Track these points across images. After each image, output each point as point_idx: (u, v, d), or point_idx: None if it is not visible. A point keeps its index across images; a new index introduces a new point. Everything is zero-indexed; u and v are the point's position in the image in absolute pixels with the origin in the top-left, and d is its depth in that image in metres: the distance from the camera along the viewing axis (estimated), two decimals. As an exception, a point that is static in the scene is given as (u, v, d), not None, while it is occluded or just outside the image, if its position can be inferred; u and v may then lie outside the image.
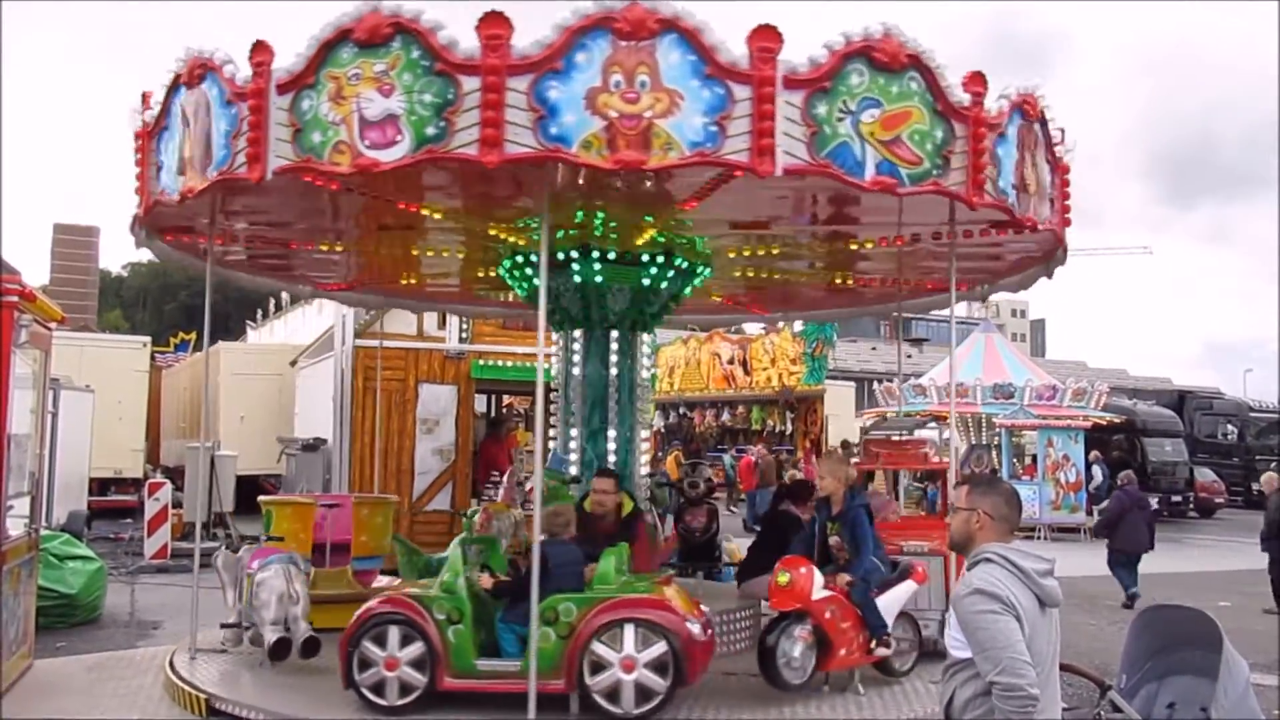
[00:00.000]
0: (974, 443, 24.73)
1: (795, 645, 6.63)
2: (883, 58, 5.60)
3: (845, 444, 20.45)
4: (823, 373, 24.81)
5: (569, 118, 5.31)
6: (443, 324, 14.77)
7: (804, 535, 7.58)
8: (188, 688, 6.97)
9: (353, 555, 9.02)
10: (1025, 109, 6.63)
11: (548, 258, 6.29)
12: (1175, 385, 52.45)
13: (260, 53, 5.75)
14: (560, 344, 9.10)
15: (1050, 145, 7.11)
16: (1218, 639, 4.55)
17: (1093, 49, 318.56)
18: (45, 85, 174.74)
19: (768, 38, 5.44)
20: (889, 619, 6.97)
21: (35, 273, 52.80)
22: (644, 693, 6.19)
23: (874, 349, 57.75)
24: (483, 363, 14.23)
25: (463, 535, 7.10)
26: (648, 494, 8.97)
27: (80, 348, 20.02)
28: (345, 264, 10.12)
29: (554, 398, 9.12)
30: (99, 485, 19.55)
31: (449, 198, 7.56)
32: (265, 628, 7.08)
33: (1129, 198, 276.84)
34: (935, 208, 6.57)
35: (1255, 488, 31.88)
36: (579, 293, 8.56)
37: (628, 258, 8.42)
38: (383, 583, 8.63)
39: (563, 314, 8.81)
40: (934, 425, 24.70)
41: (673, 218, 7.75)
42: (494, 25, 5.34)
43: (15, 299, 6.78)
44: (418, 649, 6.34)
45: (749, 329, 27.51)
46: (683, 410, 29.93)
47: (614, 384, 8.66)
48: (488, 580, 6.56)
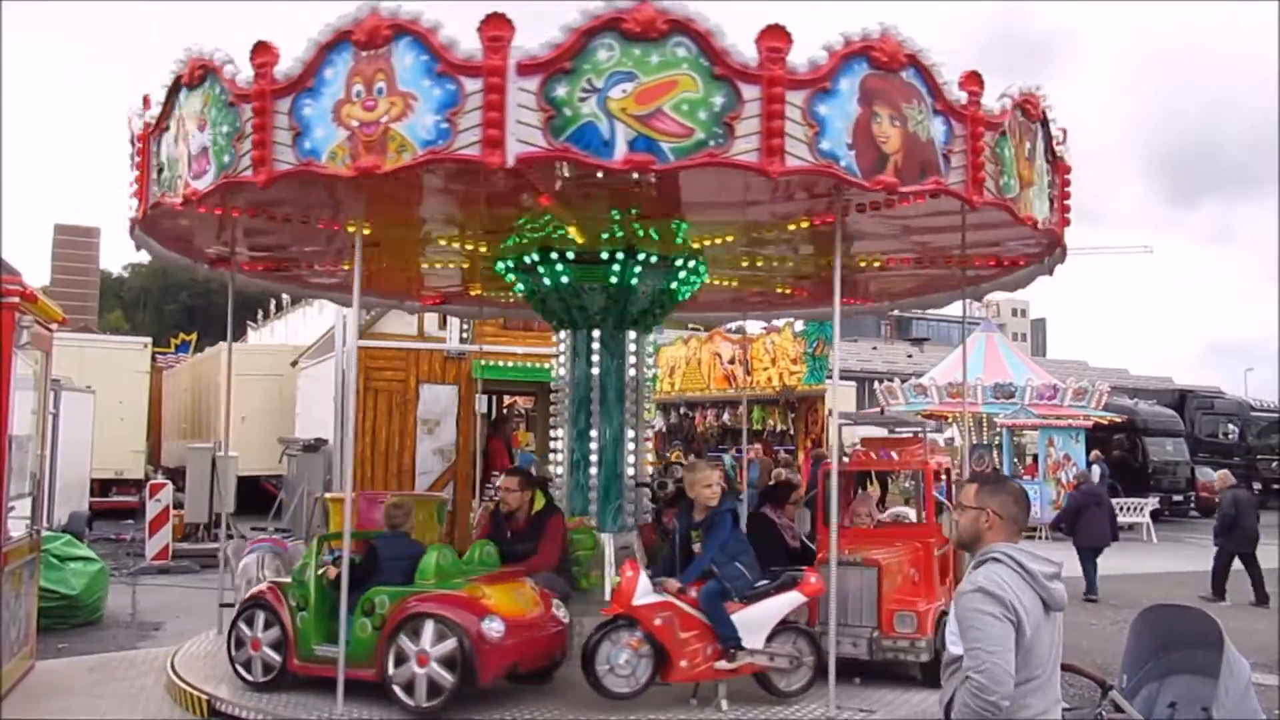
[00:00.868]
0: (975, 442, 24.72)
1: (621, 652, 6.42)
2: (634, 27, 5.25)
3: (817, 442, 20.29)
4: (824, 372, 24.80)
5: None
6: (443, 324, 14.77)
7: (671, 541, 7.32)
8: (189, 688, 6.97)
9: None
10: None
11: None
12: (1176, 385, 52.43)
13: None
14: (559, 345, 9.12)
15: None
16: (1219, 638, 4.55)
17: (1096, 48, 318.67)
18: (45, 85, 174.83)
19: (498, 26, 5.33)
20: (760, 631, 6.51)
21: (36, 273, 52.91)
22: (434, 687, 6.31)
23: (875, 348, 57.73)
24: (484, 363, 14.23)
25: (320, 531, 7.54)
26: (649, 494, 8.91)
27: (81, 349, 20.02)
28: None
29: (554, 398, 9.15)
30: (100, 486, 19.57)
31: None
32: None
33: (1131, 196, 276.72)
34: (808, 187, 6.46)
35: (1256, 487, 31.98)
36: (556, 294, 8.57)
37: (586, 256, 8.30)
38: None
39: (550, 315, 8.87)
40: (932, 424, 24.67)
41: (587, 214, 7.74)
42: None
43: (16, 300, 6.78)
44: (275, 633, 6.92)
45: (750, 328, 27.54)
46: (684, 410, 29.93)
47: (596, 384, 8.57)
48: (332, 571, 6.84)
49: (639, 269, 8.37)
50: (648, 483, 8.31)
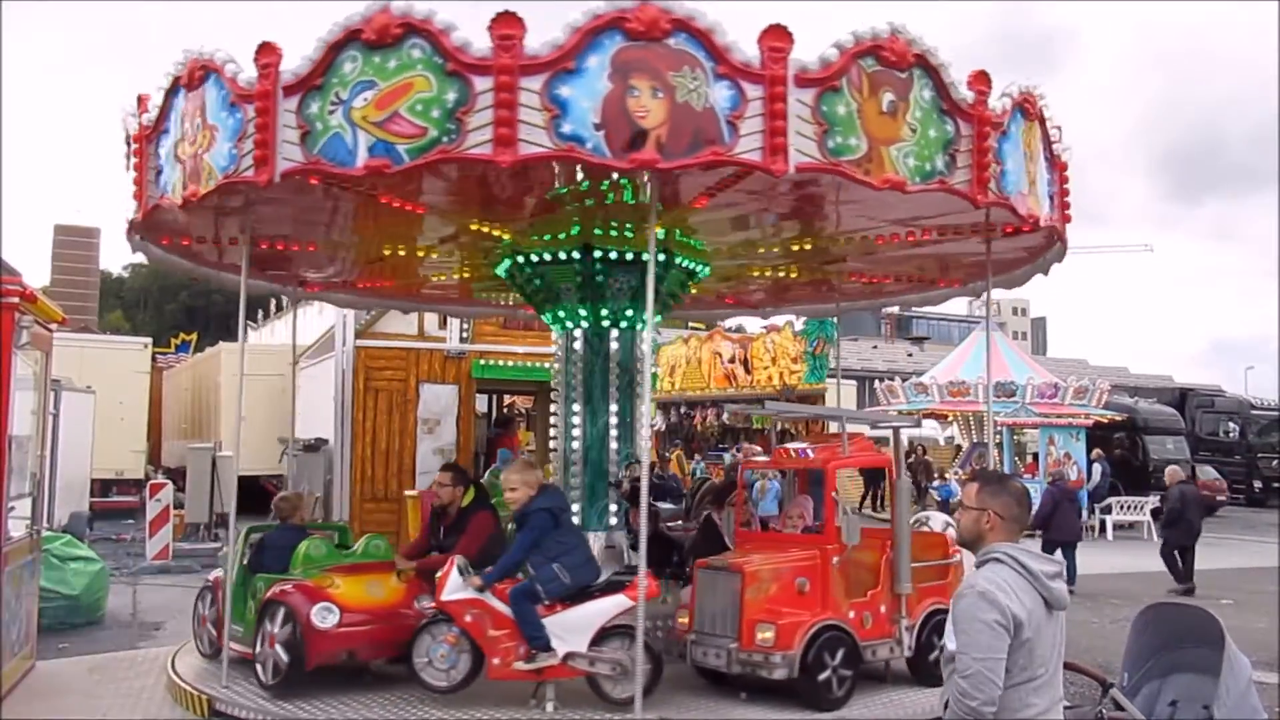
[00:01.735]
0: (975, 441, 24.72)
1: (439, 646, 6.46)
2: (371, 35, 5.40)
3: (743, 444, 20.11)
4: (824, 371, 24.79)
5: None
6: (443, 324, 14.77)
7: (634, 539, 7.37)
8: (190, 688, 6.98)
9: None
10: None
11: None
12: (1177, 383, 52.42)
13: (266, 54, 5.72)
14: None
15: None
16: (1220, 637, 4.55)
17: (1098, 46, 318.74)
18: (44, 85, 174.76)
19: (266, 54, 5.66)
20: (583, 634, 6.36)
21: (36, 274, 52.90)
22: (276, 667, 6.75)
23: (875, 347, 57.73)
24: (483, 362, 14.23)
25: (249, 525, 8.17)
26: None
27: (81, 349, 20.01)
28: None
29: (552, 396, 9.16)
30: (100, 486, 19.56)
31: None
32: None
33: (1134, 195, 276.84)
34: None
35: (1257, 485, 31.99)
36: (541, 293, 8.69)
37: (556, 255, 8.36)
38: None
39: (540, 312, 8.96)
40: (910, 420, 24.65)
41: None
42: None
43: (16, 300, 6.78)
44: (214, 612, 7.68)
45: (749, 327, 27.52)
46: (684, 409, 29.92)
47: (579, 383, 8.58)
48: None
49: (603, 266, 8.31)
50: (612, 482, 8.28)
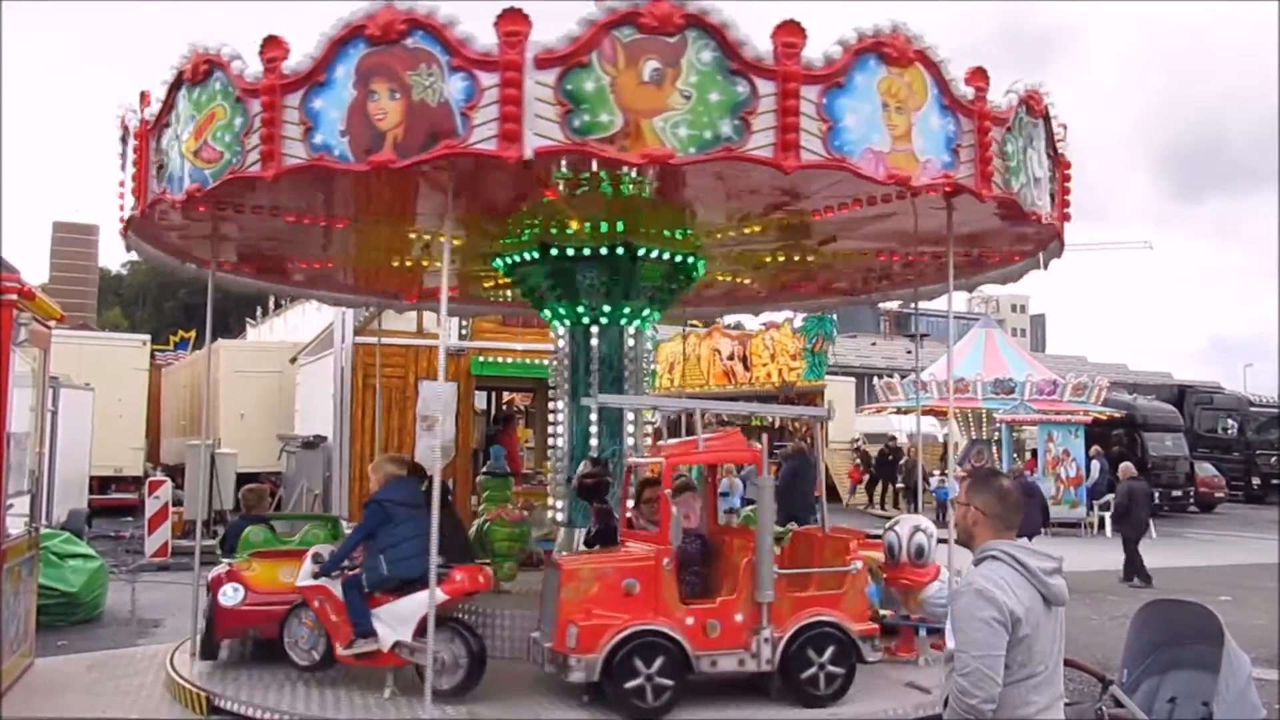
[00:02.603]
0: (974, 438, 24.72)
1: (301, 629, 6.94)
2: (188, 75, 6.16)
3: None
4: (823, 368, 24.80)
5: None
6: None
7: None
8: (189, 685, 6.97)
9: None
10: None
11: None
12: (1175, 380, 52.42)
13: (272, 49, 5.71)
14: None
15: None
16: (1219, 633, 4.55)
17: (1101, 43, 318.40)
18: (44, 84, 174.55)
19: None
20: (406, 624, 6.43)
21: (34, 271, 52.76)
22: (201, 637, 7.53)
23: (874, 344, 57.75)
24: (482, 359, 14.24)
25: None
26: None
27: (80, 346, 19.98)
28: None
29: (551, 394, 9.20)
30: (99, 483, 19.54)
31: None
32: None
33: (1136, 192, 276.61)
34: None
35: (1255, 482, 32.03)
36: (532, 289, 8.81)
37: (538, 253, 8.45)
38: None
39: (537, 308, 9.07)
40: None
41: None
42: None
43: (14, 297, 6.77)
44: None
45: (749, 324, 27.51)
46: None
47: (565, 381, 8.74)
48: None
49: (569, 263, 8.35)
50: (568, 478, 8.31)
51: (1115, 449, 25.35)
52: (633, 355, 8.58)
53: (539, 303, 8.96)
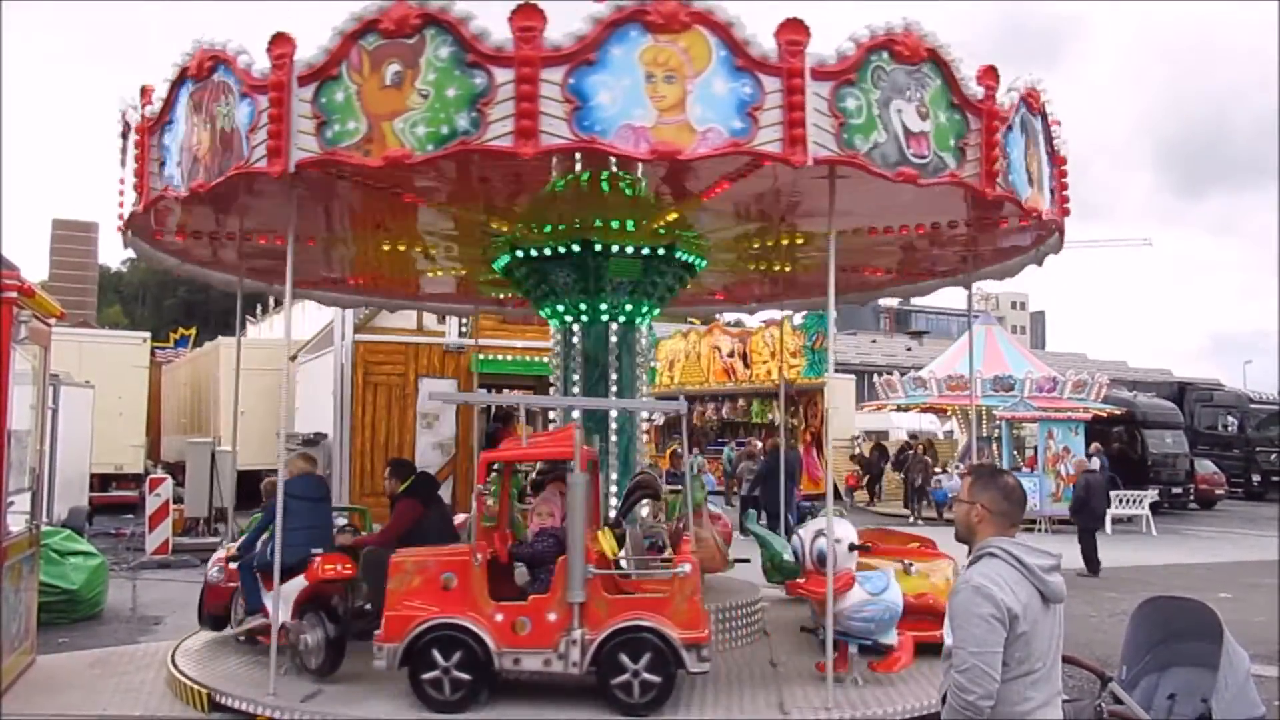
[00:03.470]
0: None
1: (239, 609, 7.78)
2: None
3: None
4: (823, 365, 24.79)
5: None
6: (442, 319, 14.76)
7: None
8: (190, 682, 6.97)
9: None
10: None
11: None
12: (1175, 377, 52.43)
13: (280, 44, 5.70)
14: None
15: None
16: (1218, 630, 4.56)
17: (1105, 36, 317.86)
18: (45, 83, 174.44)
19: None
20: (287, 606, 6.94)
21: (34, 268, 52.73)
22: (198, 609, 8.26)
23: (874, 341, 57.77)
24: (483, 357, 14.23)
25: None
26: None
27: (80, 344, 19.99)
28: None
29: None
30: (100, 481, 19.53)
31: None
32: None
33: (1138, 188, 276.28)
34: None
35: (1255, 479, 32.02)
36: (523, 286, 8.85)
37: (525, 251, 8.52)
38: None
39: (537, 308, 9.06)
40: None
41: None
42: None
43: (14, 295, 6.78)
44: None
45: (749, 322, 27.52)
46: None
47: (557, 377, 8.86)
48: None
49: (540, 264, 8.43)
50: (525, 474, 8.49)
51: (1115, 446, 25.38)
52: (618, 352, 8.56)
53: (535, 303, 9.03)
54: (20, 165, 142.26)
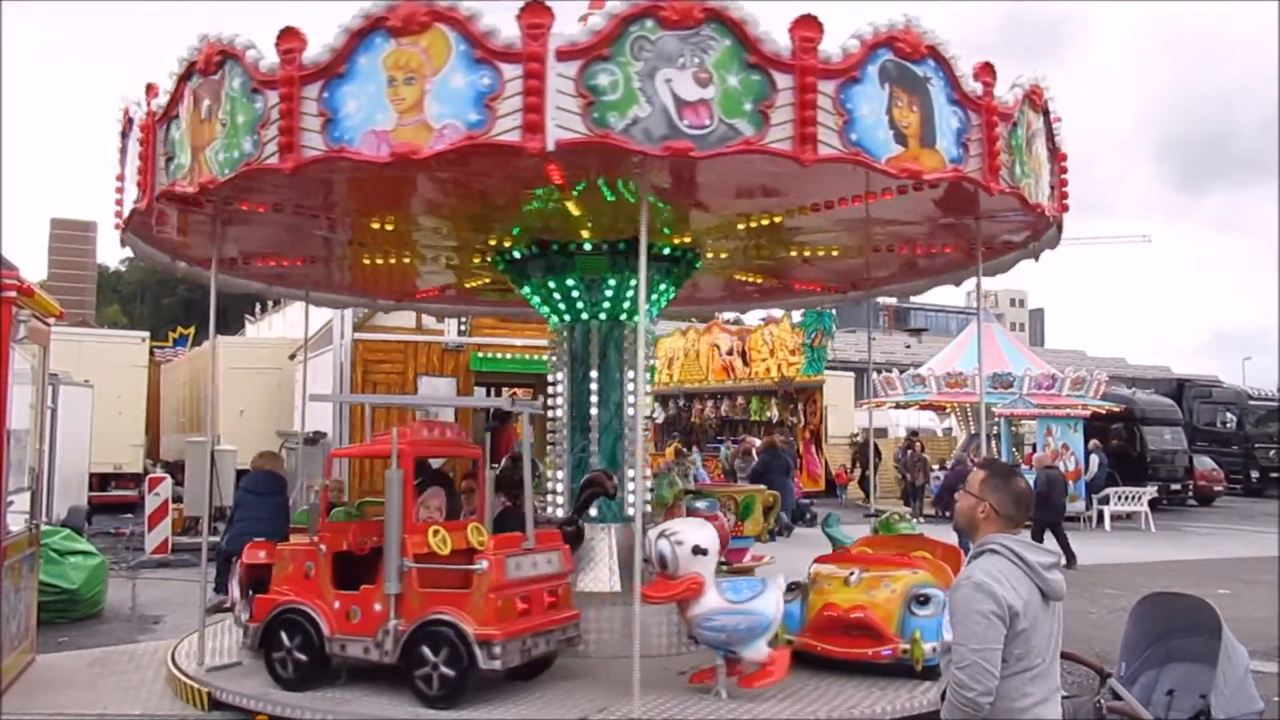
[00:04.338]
0: (973, 432, 24.73)
1: (236, 585, 7.92)
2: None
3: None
4: (822, 363, 24.85)
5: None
6: (441, 317, 14.76)
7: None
8: (190, 681, 6.98)
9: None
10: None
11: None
12: (1174, 374, 52.46)
13: (289, 40, 5.65)
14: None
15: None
16: (1217, 626, 4.57)
17: (1107, 33, 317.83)
18: (43, 82, 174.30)
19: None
20: (236, 588, 7.60)
21: (33, 268, 52.63)
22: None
23: (873, 339, 57.68)
24: (482, 355, 14.25)
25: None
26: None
27: (79, 343, 19.97)
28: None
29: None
30: (99, 480, 19.54)
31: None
32: None
33: (1140, 184, 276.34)
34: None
35: (1254, 475, 32.04)
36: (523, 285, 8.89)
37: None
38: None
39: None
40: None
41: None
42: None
43: (13, 294, 6.77)
44: None
45: (748, 320, 27.53)
46: (682, 402, 29.93)
47: (553, 375, 8.98)
48: None
49: (516, 263, 8.51)
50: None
51: (1114, 443, 25.39)
52: (605, 350, 8.54)
53: (535, 305, 9.07)
54: (19, 165, 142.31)
